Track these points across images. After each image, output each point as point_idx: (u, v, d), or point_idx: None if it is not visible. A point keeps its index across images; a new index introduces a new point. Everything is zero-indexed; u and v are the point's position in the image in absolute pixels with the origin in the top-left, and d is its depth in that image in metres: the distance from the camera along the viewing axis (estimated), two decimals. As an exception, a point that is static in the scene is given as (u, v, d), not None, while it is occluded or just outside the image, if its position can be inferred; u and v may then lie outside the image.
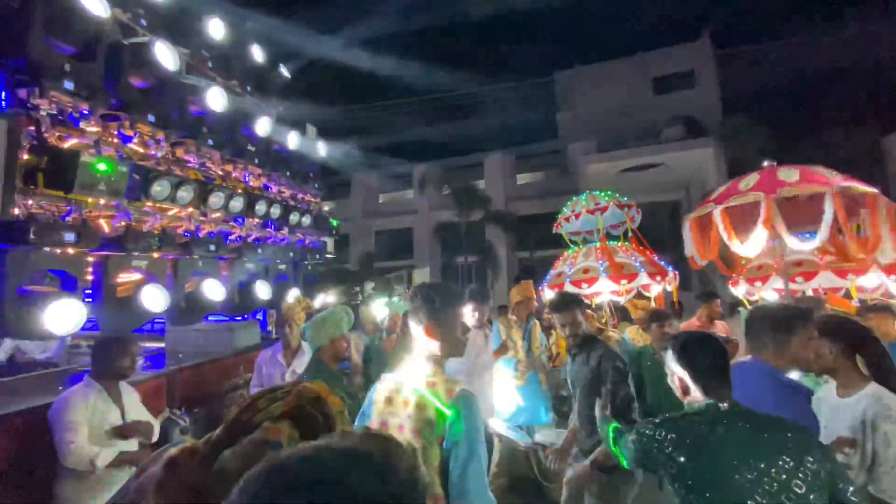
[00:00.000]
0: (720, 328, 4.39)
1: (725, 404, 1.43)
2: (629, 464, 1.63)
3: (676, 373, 1.54)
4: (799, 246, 3.80)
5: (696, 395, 1.49)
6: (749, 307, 3.42)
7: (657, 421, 1.51)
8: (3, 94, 2.49)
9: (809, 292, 4.18)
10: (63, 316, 2.46)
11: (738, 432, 1.35)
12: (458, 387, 1.53)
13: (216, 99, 3.58)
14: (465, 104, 23.01)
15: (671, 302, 5.38)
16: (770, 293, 4.46)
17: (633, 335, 4.67)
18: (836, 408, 1.81)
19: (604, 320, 4.88)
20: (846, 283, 4.05)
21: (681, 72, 17.44)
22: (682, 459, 1.37)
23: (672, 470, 1.38)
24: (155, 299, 2.99)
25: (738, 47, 18.47)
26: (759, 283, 4.58)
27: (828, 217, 3.61)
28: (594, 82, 18.43)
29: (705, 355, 1.51)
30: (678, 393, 1.57)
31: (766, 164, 4.13)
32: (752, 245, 3.91)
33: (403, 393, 1.57)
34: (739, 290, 4.60)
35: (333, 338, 2.45)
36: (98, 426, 2.38)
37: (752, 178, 4.08)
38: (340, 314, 2.55)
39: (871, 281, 3.99)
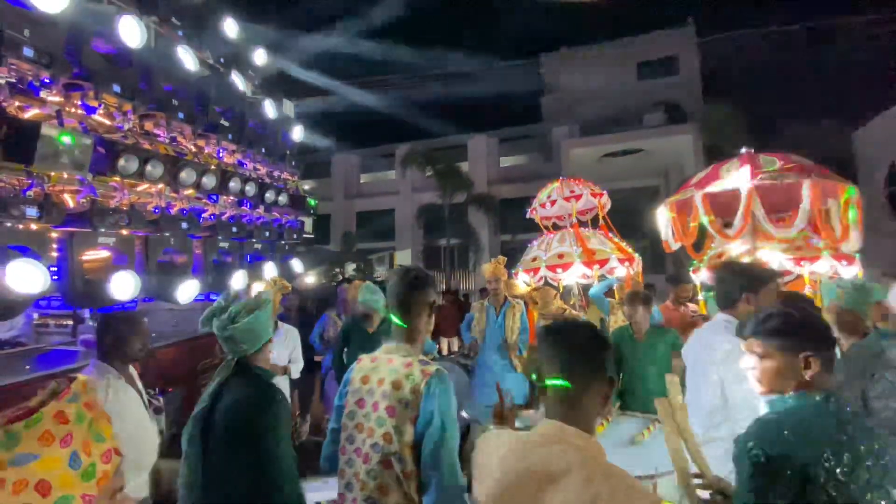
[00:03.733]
0: (691, 308, 4.54)
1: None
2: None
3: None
4: (777, 233, 3.91)
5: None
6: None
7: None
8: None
9: None
10: (24, 276, 2.33)
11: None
12: (432, 367, 1.59)
13: (186, 60, 3.44)
14: (448, 84, 22.67)
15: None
16: None
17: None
18: None
19: (572, 302, 4.99)
20: (801, 270, 4.20)
21: (665, 57, 17.49)
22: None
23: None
24: (125, 287, 2.91)
25: (720, 34, 18.57)
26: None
27: (805, 206, 3.71)
28: (579, 66, 18.36)
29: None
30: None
31: (744, 150, 4.21)
32: (731, 230, 4.01)
33: (380, 372, 1.62)
34: (700, 276, 4.77)
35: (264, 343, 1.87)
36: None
37: (732, 165, 4.16)
38: (265, 317, 1.84)
39: (823, 267, 4.14)
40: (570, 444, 1.04)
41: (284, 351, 3.84)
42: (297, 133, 5.19)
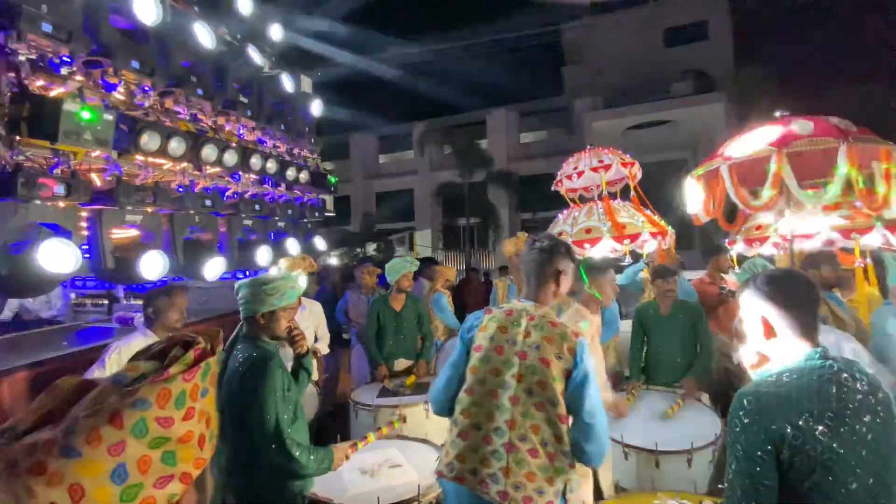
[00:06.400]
0: (729, 283, 4.35)
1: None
2: None
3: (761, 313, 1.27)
4: (810, 202, 3.70)
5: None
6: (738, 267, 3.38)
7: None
8: (-23, 37, 2.36)
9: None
10: (57, 256, 2.44)
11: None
12: (574, 329, 1.74)
13: (203, 35, 3.40)
14: (467, 57, 22.14)
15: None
16: (769, 248, 4.39)
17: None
18: None
19: None
20: (850, 244, 3.95)
21: (693, 21, 16.58)
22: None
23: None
24: (154, 266, 2.98)
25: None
26: (756, 244, 4.47)
27: (841, 172, 3.49)
28: (603, 34, 17.59)
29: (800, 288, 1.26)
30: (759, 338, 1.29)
31: (778, 114, 3.96)
32: (760, 202, 3.81)
33: (521, 325, 1.73)
34: (736, 249, 4.54)
35: (274, 309, 1.99)
36: None
37: (763, 131, 3.92)
38: (283, 286, 2.02)
39: (875, 239, 3.89)
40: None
41: (310, 326, 3.87)
42: (316, 108, 5.14)
